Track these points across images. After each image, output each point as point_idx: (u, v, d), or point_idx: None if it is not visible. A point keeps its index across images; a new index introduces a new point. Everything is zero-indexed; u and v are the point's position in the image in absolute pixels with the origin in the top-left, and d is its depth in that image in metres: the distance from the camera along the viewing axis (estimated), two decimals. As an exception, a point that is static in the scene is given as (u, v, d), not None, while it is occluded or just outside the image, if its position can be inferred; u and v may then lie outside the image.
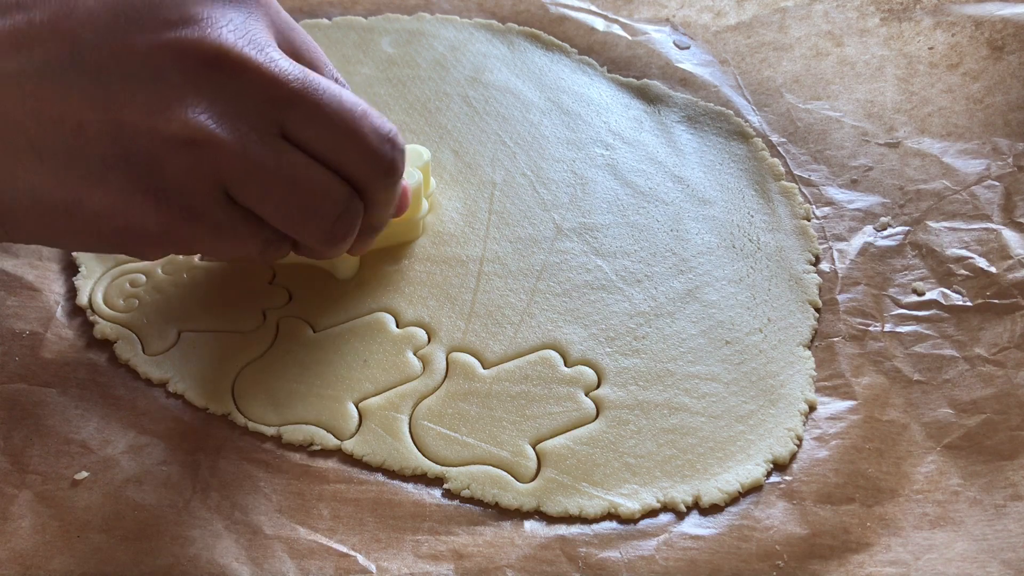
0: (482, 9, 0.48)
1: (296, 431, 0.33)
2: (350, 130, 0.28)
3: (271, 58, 0.27)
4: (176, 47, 0.26)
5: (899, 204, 0.40)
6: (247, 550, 0.30)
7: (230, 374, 0.34)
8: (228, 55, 0.26)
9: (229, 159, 0.27)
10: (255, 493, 0.31)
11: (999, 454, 0.32)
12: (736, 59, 0.46)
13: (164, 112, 0.26)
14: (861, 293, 0.37)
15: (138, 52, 0.26)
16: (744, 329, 0.36)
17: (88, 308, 0.36)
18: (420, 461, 0.32)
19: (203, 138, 0.26)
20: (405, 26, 0.47)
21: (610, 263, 0.38)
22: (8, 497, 0.31)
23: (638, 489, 0.32)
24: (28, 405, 0.33)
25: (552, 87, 0.45)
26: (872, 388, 0.34)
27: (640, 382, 0.34)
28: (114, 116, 0.26)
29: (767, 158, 0.42)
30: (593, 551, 0.30)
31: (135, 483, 0.31)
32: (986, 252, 0.38)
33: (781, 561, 0.30)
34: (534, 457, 0.32)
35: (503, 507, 0.31)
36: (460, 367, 0.35)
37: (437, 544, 0.30)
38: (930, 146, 0.41)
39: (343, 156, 0.29)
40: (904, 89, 0.44)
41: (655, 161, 0.42)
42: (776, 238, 0.39)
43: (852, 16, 0.47)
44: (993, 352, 0.35)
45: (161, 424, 0.33)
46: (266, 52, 0.27)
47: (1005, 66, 0.44)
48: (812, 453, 0.33)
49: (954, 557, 0.30)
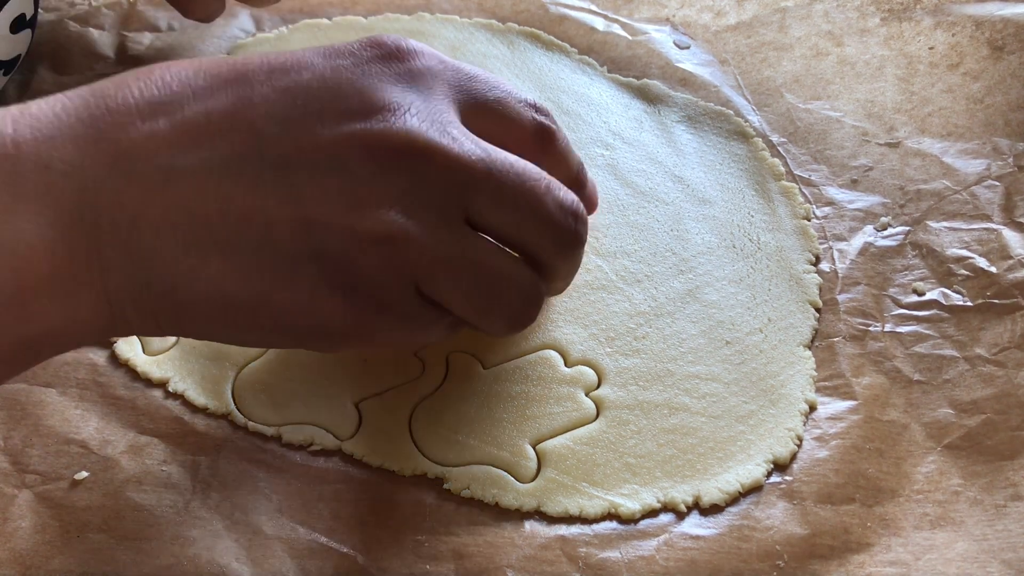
0: (482, 9, 0.48)
1: (296, 431, 0.33)
2: (533, 209, 0.28)
3: (454, 138, 0.26)
4: (363, 140, 0.25)
5: (899, 204, 0.40)
6: (247, 550, 0.30)
7: (230, 374, 0.34)
8: (415, 144, 0.26)
9: (421, 254, 0.26)
10: (255, 493, 0.31)
11: (999, 454, 0.32)
12: (736, 59, 0.46)
13: (357, 210, 0.25)
14: (861, 293, 0.37)
15: (322, 145, 0.25)
16: (744, 329, 0.36)
17: (88, 308, 0.36)
18: (420, 461, 0.32)
19: (399, 235, 0.25)
20: (405, 26, 0.47)
21: (610, 263, 0.38)
22: (8, 497, 0.31)
23: (638, 489, 0.32)
24: (28, 405, 0.33)
25: (552, 87, 0.45)
26: (872, 388, 0.34)
27: (640, 382, 0.34)
28: (305, 213, 0.25)
29: (767, 158, 0.42)
30: (593, 551, 0.30)
31: (135, 483, 0.31)
32: (986, 252, 0.38)
33: (781, 561, 0.30)
34: (534, 457, 0.32)
35: (503, 507, 0.31)
36: (460, 367, 0.35)
37: (437, 544, 0.30)
38: (930, 146, 0.41)
39: (527, 236, 0.28)
40: (904, 89, 0.44)
41: (655, 161, 0.42)
42: (776, 238, 0.39)
43: (852, 16, 0.47)
44: (993, 352, 0.35)
45: (161, 424, 0.33)
46: (449, 133, 0.26)
47: (1005, 66, 0.44)
48: (812, 453, 0.33)
49: (954, 557, 0.30)
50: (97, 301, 0.25)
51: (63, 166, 0.24)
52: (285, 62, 0.27)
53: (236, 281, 0.25)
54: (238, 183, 0.25)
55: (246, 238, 0.25)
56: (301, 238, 0.25)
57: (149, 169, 0.24)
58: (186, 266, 0.25)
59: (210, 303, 0.25)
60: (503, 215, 0.27)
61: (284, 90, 0.26)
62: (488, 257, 0.27)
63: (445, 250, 0.26)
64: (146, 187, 0.24)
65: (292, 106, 0.26)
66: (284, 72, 0.26)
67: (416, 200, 0.26)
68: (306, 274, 0.25)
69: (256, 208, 0.25)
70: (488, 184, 0.27)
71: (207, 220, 0.25)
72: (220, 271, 0.25)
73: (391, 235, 0.25)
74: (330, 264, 0.26)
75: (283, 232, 0.25)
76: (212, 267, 0.25)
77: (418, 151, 0.26)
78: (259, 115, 0.25)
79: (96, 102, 0.25)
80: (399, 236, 0.25)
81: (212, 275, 0.25)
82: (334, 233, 0.25)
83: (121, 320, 0.25)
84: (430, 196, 0.26)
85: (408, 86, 0.27)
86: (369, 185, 0.25)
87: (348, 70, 0.27)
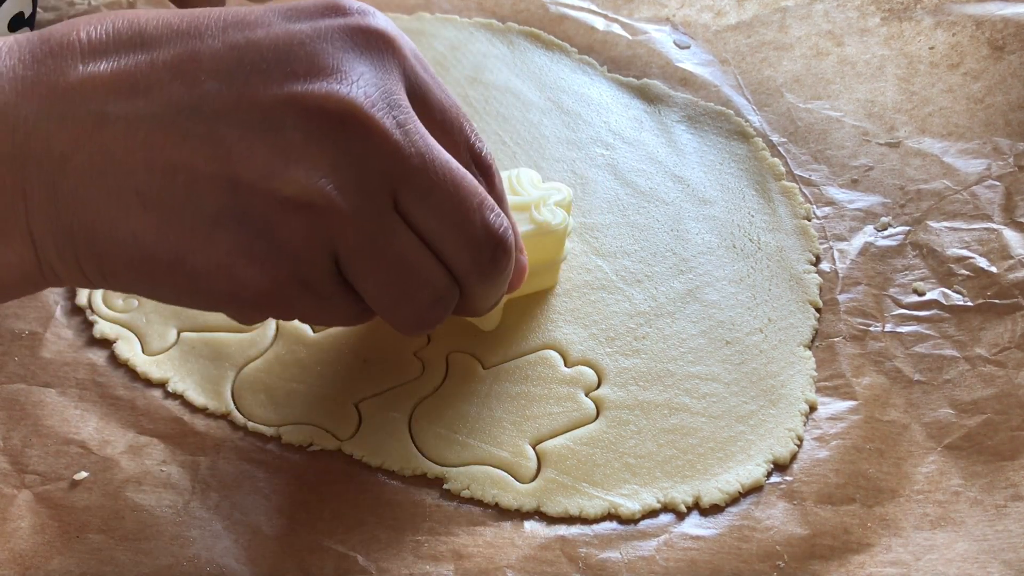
0: (482, 9, 0.48)
1: (296, 431, 0.33)
2: (460, 219, 0.27)
3: (397, 122, 0.25)
4: (301, 102, 0.24)
5: (900, 204, 0.40)
6: (247, 550, 0.30)
7: (230, 374, 0.34)
8: (355, 115, 0.25)
9: (344, 228, 0.25)
10: (255, 493, 0.31)
11: (1000, 454, 0.32)
12: (736, 59, 0.46)
13: (283, 172, 0.24)
14: (862, 293, 0.37)
15: (261, 104, 0.24)
16: (744, 329, 0.36)
17: (87, 308, 0.36)
18: (420, 461, 0.32)
19: (322, 203, 0.25)
20: (405, 26, 0.47)
21: (610, 263, 0.38)
22: (7, 498, 0.31)
23: (638, 489, 0.32)
24: (27, 405, 0.33)
25: (552, 87, 0.45)
26: (873, 388, 0.34)
27: (640, 382, 0.34)
28: (230, 171, 0.24)
29: (767, 158, 0.42)
30: (593, 551, 0.30)
31: (135, 483, 0.31)
32: (987, 252, 0.38)
33: (781, 561, 0.30)
34: (534, 457, 0.32)
35: (503, 507, 0.31)
36: (460, 367, 0.35)
37: (437, 544, 0.30)
38: (931, 146, 0.41)
39: (446, 245, 0.27)
40: (905, 89, 0.44)
41: (655, 161, 0.42)
42: (776, 238, 0.39)
43: (853, 16, 0.47)
44: (994, 352, 0.35)
45: (161, 424, 0.33)
46: (392, 115, 0.25)
47: (1006, 66, 0.44)
48: (812, 453, 0.33)
49: (955, 557, 0.30)
50: (23, 245, 0.24)
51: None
52: (244, 18, 0.26)
53: (154, 235, 0.25)
54: (168, 135, 0.24)
55: (169, 192, 0.24)
56: (224, 198, 0.24)
57: (82, 113, 0.24)
58: (107, 215, 0.24)
59: (128, 255, 0.25)
60: (428, 216, 0.26)
61: (234, 45, 0.25)
62: (408, 249, 0.26)
63: (368, 228, 0.25)
64: (77, 131, 0.24)
65: (239, 63, 0.25)
66: (239, 28, 0.26)
67: (347, 173, 0.25)
68: (224, 236, 0.25)
69: (182, 163, 0.24)
70: (420, 180, 0.26)
71: (132, 169, 0.24)
72: (139, 223, 0.24)
73: (313, 202, 0.25)
74: (251, 228, 0.25)
75: (207, 190, 0.24)
76: (132, 218, 0.24)
77: (356, 123, 0.25)
78: (203, 69, 0.25)
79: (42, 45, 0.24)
80: (322, 203, 0.25)
81: (131, 226, 0.24)
82: (258, 195, 0.24)
83: (48, 267, 0.25)
84: (363, 172, 0.25)
85: (362, 55, 0.26)
86: (301, 148, 0.25)
87: (303, 33, 0.26)
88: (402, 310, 0.27)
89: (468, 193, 0.27)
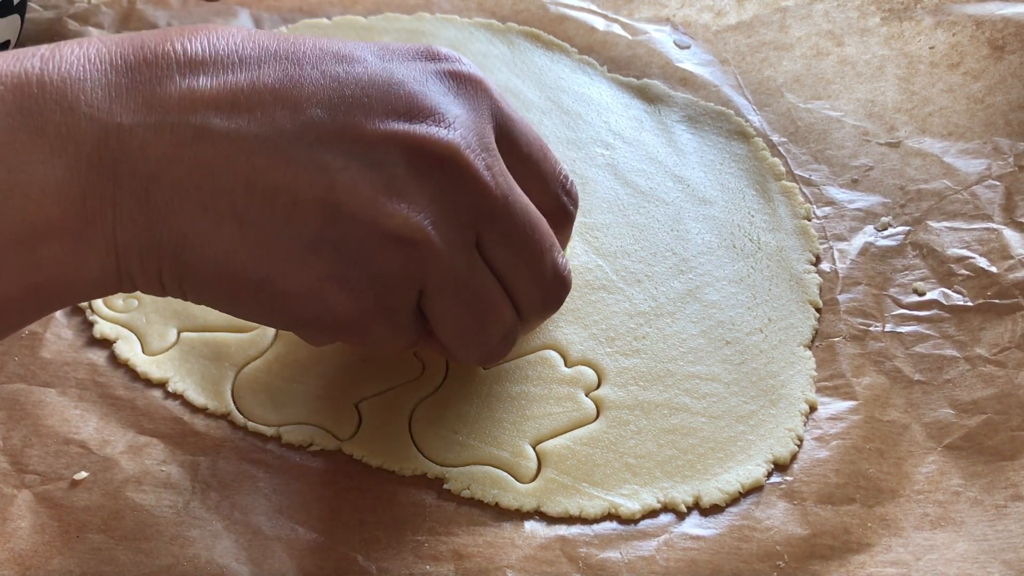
0: (482, 9, 0.48)
1: (296, 431, 0.33)
2: (533, 260, 0.28)
3: (488, 165, 0.26)
4: (404, 140, 0.25)
5: (900, 204, 0.40)
6: (247, 550, 0.30)
7: (230, 374, 0.34)
8: (453, 157, 0.26)
9: (436, 263, 0.26)
10: (255, 493, 0.31)
11: (1000, 454, 0.32)
12: (736, 59, 0.46)
13: (386, 206, 0.25)
14: (862, 293, 0.37)
15: (365, 137, 0.25)
16: (744, 329, 0.36)
17: (87, 308, 0.36)
18: (420, 461, 0.32)
19: (420, 238, 0.25)
20: (405, 26, 0.47)
21: (610, 263, 0.38)
22: (7, 498, 0.31)
23: (638, 489, 0.32)
24: (27, 405, 0.33)
25: (552, 87, 0.45)
26: (873, 388, 0.34)
27: (640, 382, 0.34)
28: (333, 199, 0.24)
29: (767, 158, 0.42)
30: (593, 551, 0.30)
31: (135, 483, 0.31)
32: (987, 252, 0.38)
33: (782, 562, 0.30)
34: (534, 457, 0.32)
35: (503, 507, 0.31)
36: (460, 367, 0.34)
37: (437, 544, 0.30)
38: (931, 146, 0.41)
39: (520, 283, 0.28)
40: (905, 89, 0.44)
41: (655, 161, 0.42)
42: (777, 238, 0.39)
43: (853, 16, 0.47)
44: (994, 352, 0.35)
45: (161, 424, 0.33)
46: (483, 157, 0.26)
47: (1006, 66, 0.44)
48: (813, 453, 0.33)
49: (955, 557, 0.30)
50: (106, 252, 0.24)
51: (88, 109, 0.23)
52: (339, 51, 0.26)
53: (246, 255, 0.25)
54: (271, 157, 0.24)
55: (267, 214, 0.24)
56: (323, 225, 0.25)
57: (181, 124, 0.24)
58: (200, 229, 0.24)
59: (216, 271, 0.25)
60: (506, 254, 0.27)
61: (334, 77, 0.25)
62: (489, 287, 0.28)
63: (455, 264, 0.26)
64: (175, 142, 0.24)
65: (340, 95, 0.25)
66: (336, 60, 0.26)
67: (443, 211, 0.26)
68: (319, 263, 0.25)
69: (284, 186, 0.24)
70: (503, 220, 0.27)
71: (231, 187, 0.24)
72: (233, 242, 0.24)
73: (412, 237, 0.25)
74: (346, 257, 0.25)
75: (306, 214, 0.25)
76: (225, 236, 0.24)
77: (454, 164, 0.26)
78: (305, 96, 0.25)
79: (134, 51, 0.24)
80: (419, 239, 0.25)
81: (224, 244, 0.24)
82: (359, 225, 0.25)
83: (126, 274, 0.25)
84: (456, 211, 0.26)
85: (456, 97, 0.27)
86: (403, 184, 0.25)
87: (402, 73, 0.26)
88: (473, 342, 0.28)
89: (542, 235, 0.28)
